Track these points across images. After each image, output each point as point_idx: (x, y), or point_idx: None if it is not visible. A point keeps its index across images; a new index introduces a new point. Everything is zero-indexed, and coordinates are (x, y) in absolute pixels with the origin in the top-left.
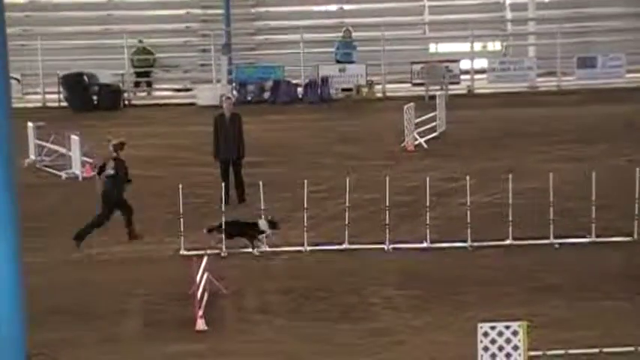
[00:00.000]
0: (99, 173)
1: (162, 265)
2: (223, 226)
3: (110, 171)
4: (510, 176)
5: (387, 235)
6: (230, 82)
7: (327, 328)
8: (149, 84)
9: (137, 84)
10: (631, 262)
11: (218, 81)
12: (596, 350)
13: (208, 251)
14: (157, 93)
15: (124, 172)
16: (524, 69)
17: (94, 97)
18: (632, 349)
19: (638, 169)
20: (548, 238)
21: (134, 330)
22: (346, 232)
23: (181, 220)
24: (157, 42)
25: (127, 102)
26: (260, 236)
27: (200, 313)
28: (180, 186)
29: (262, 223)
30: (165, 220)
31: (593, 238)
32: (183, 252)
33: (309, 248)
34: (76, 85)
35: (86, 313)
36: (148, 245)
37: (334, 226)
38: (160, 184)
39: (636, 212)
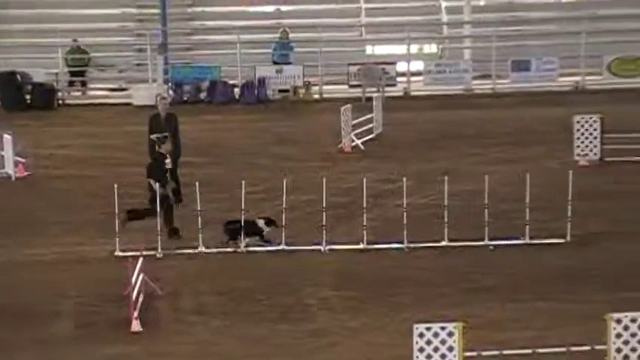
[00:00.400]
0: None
1: (97, 266)
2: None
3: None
4: (446, 178)
5: (324, 237)
6: (166, 82)
7: (264, 329)
8: (84, 83)
9: (71, 83)
10: (564, 263)
11: (154, 81)
12: (530, 351)
13: (143, 252)
14: (92, 92)
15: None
16: (460, 72)
17: (27, 97)
18: (564, 349)
19: (570, 171)
20: (483, 239)
21: (67, 332)
22: (283, 234)
23: (116, 220)
24: (91, 41)
25: (61, 101)
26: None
27: (135, 314)
28: (116, 186)
29: (260, 222)
30: (100, 221)
31: (527, 240)
32: (118, 253)
33: (245, 249)
34: (8, 84)
35: (18, 315)
36: (81, 246)
37: (271, 227)
38: (94, 184)
39: (569, 214)
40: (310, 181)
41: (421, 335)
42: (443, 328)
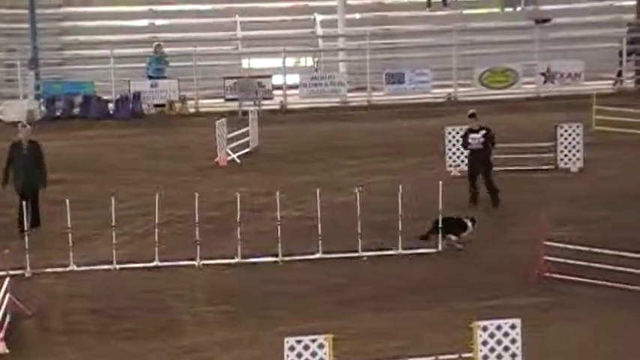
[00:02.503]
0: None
1: None
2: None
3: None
4: (318, 190)
5: (198, 252)
6: (38, 97)
7: (137, 347)
8: None
9: None
10: (436, 273)
11: (25, 97)
12: None
13: (10, 272)
14: None
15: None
16: (336, 84)
17: None
18: (433, 358)
19: (441, 181)
20: (357, 251)
21: None
22: (156, 250)
23: None
24: None
25: None
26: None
27: (0, 335)
28: None
29: (469, 223)
30: None
31: (401, 251)
32: None
33: (118, 266)
34: None
35: None
36: None
37: (145, 244)
38: None
39: (440, 224)
40: (185, 195)
41: (292, 348)
42: (313, 341)
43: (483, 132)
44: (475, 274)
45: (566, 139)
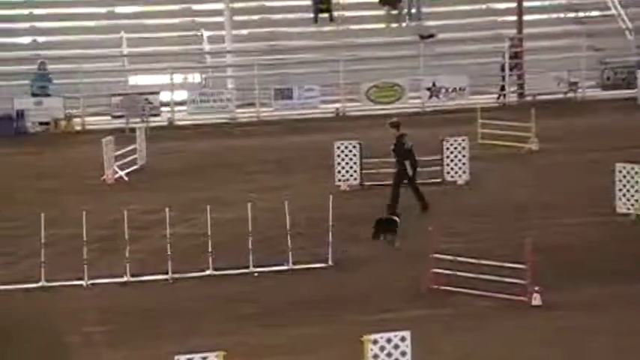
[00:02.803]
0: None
1: None
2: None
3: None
4: (210, 207)
5: (86, 271)
6: None
7: None
8: None
9: None
10: (326, 287)
11: None
12: None
13: None
14: None
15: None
16: (224, 100)
17: None
18: None
19: (331, 196)
20: (247, 267)
21: None
22: (42, 270)
23: None
24: None
25: None
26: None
27: None
28: None
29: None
30: None
31: (291, 266)
32: None
33: (2, 287)
34: None
35: None
36: None
37: (31, 264)
38: None
39: (330, 239)
40: (72, 214)
41: None
42: (204, 358)
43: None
44: (366, 288)
45: (452, 152)
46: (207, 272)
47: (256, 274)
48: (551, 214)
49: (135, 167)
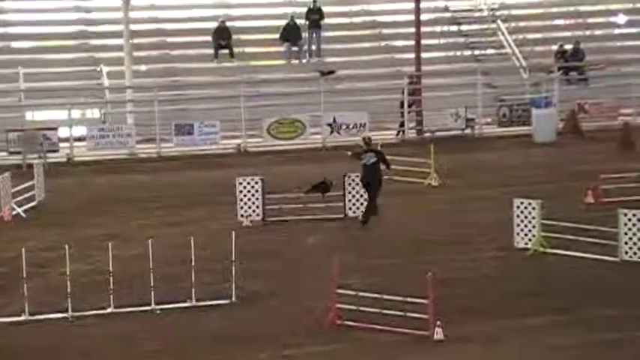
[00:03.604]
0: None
1: None
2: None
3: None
4: (111, 243)
5: None
6: None
7: None
8: None
9: None
10: (229, 324)
11: None
12: None
13: None
14: None
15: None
16: (124, 136)
17: None
18: None
19: (233, 232)
20: (149, 304)
21: None
22: None
23: None
24: None
25: None
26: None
27: None
28: None
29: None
30: None
31: (194, 303)
32: None
33: None
34: None
35: None
36: None
37: None
38: None
39: (233, 275)
40: None
41: None
42: None
43: (373, 154)
44: (268, 324)
45: (353, 188)
46: (109, 310)
47: (158, 312)
48: (452, 248)
49: (33, 204)
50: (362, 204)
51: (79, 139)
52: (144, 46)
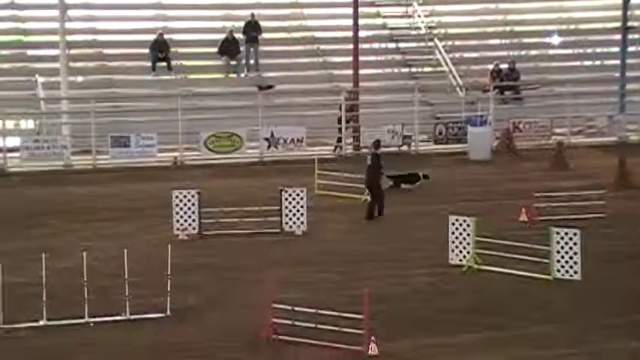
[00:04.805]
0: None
1: None
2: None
3: (368, 162)
4: (45, 256)
5: None
6: None
7: None
8: None
9: None
10: (165, 338)
11: None
12: None
13: None
14: None
15: (378, 163)
16: (59, 147)
17: None
18: None
19: (169, 245)
20: (83, 317)
21: None
22: None
23: None
24: None
25: None
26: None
27: None
28: None
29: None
30: None
31: (128, 316)
32: None
33: None
34: None
35: None
36: None
37: None
38: None
39: (169, 288)
40: None
41: None
42: None
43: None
44: (203, 338)
45: (290, 202)
46: (42, 322)
47: (92, 325)
48: (387, 264)
49: None
50: (298, 218)
51: (13, 150)
52: (80, 57)
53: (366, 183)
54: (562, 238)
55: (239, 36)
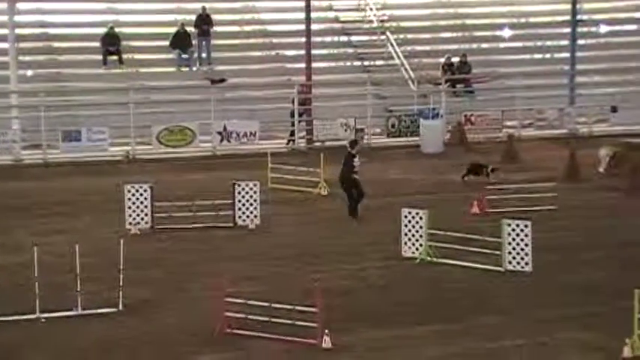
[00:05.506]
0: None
1: None
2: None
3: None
4: None
5: None
6: None
7: None
8: None
9: None
10: (119, 332)
11: None
12: None
13: None
14: None
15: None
16: (9, 142)
17: None
18: None
19: (122, 240)
20: (34, 312)
21: None
22: None
23: None
24: None
25: None
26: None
27: None
28: None
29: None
30: None
31: (80, 311)
32: None
33: None
34: None
35: None
36: None
37: None
38: None
39: (121, 283)
40: None
41: None
42: None
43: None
44: (156, 333)
45: (243, 196)
46: None
47: (43, 320)
48: (340, 258)
49: None
50: (251, 212)
51: None
52: (30, 51)
53: (339, 181)
54: (513, 229)
55: (191, 29)
